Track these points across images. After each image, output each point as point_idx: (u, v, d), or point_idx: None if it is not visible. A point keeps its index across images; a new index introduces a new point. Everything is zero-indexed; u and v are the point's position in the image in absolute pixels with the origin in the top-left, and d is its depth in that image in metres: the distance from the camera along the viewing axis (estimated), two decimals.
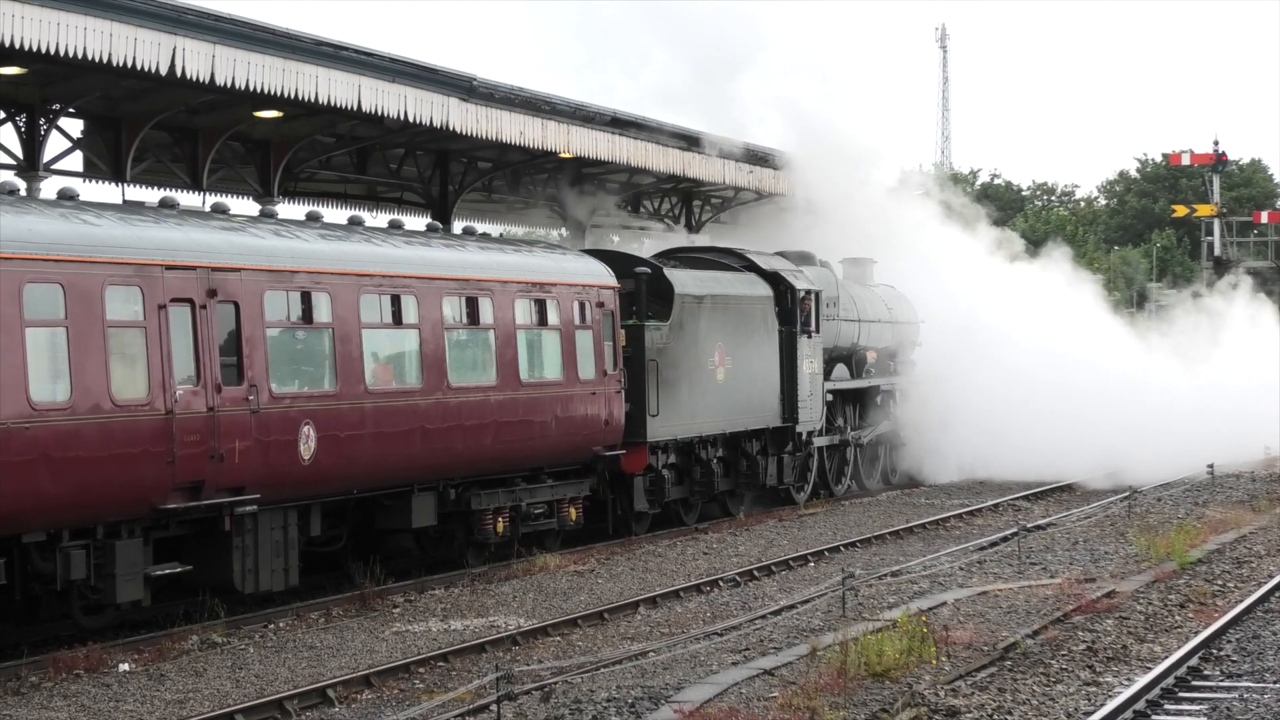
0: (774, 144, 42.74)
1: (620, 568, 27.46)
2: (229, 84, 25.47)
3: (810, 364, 36.55)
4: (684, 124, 39.29)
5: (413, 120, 29.64)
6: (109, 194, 28.53)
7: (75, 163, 28.53)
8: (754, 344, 34.69)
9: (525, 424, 27.43)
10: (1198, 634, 20.03)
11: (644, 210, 46.10)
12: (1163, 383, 44.32)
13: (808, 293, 36.49)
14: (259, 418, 22.09)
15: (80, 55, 23.01)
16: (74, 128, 28.30)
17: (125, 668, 19.64)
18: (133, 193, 27.92)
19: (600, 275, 30.13)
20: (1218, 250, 71.05)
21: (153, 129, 28.19)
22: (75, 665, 19.44)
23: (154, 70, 24.24)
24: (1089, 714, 16.13)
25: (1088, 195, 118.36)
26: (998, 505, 36.57)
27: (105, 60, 23.34)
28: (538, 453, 27.95)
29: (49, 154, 26.99)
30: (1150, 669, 18.06)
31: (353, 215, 27.50)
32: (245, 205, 31.10)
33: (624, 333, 30.63)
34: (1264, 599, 22.72)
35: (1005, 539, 29.08)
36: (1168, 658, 18.64)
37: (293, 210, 33.75)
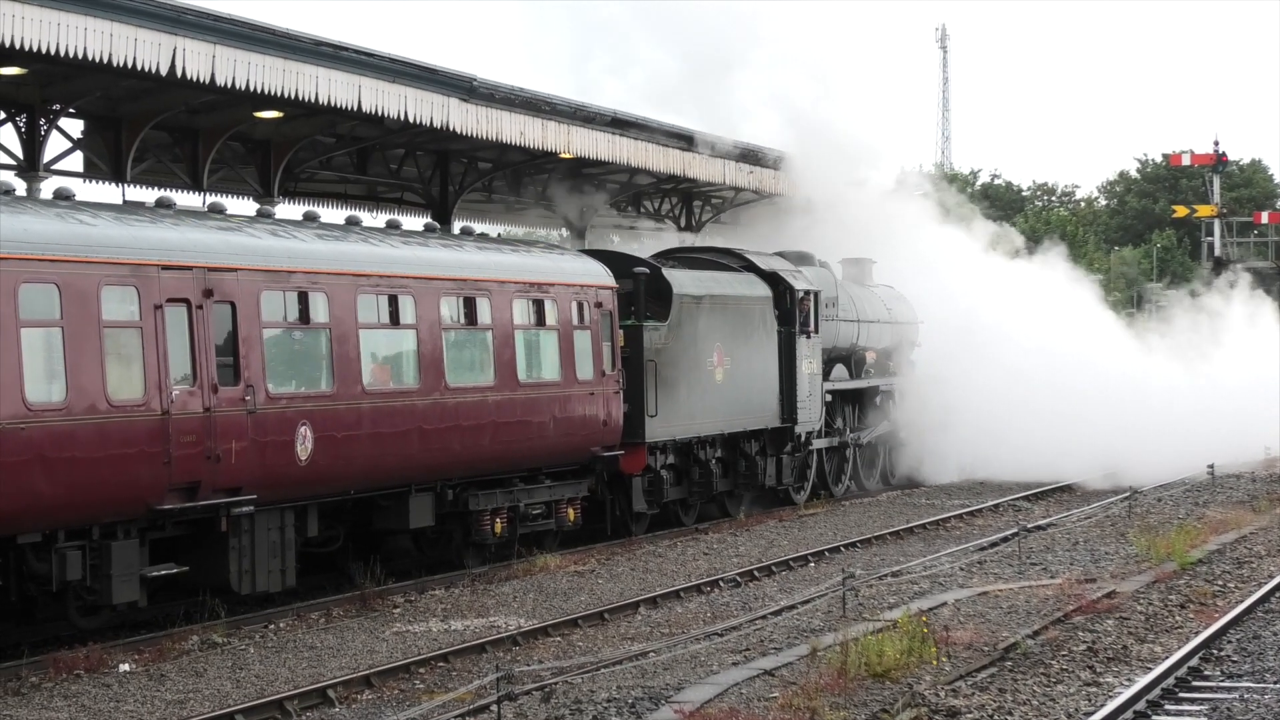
0: (773, 144, 42.71)
1: (620, 568, 27.43)
2: (229, 84, 25.45)
3: (809, 364, 36.49)
4: (683, 124, 39.29)
5: (413, 121, 29.62)
6: (109, 194, 28.54)
7: (75, 163, 28.54)
8: (753, 344, 34.63)
9: (523, 424, 27.38)
10: (1198, 634, 20.01)
11: (644, 210, 46.09)
12: (1163, 383, 44.25)
13: (807, 293, 36.44)
14: (255, 418, 22.04)
15: (81, 55, 22.99)
16: (74, 128, 28.32)
17: (126, 668, 19.62)
18: (133, 193, 27.91)
19: (598, 275, 30.08)
20: (1218, 250, 71.03)
21: (153, 129, 28.17)
22: (76, 665, 19.42)
23: (154, 70, 24.22)
24: (1089, 714, 16.11)
25: (1088, 195, 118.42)
26: (998, 506, 36.53)
27: (105, 60, 23.32)
28: (535, 453, 27.91)
29: (49, 154, 26.98)
30: (1150, 669, 18.04)
31: (350, 215, 27.46)
32: (246, 206, 31.11)
33: (622, 333, 30.59)
34: (1264, 599, 22.70)
35: (1005, 539, 29.05)
36: (1168, 658, 18.62)
37: (293, 211, 33.72)
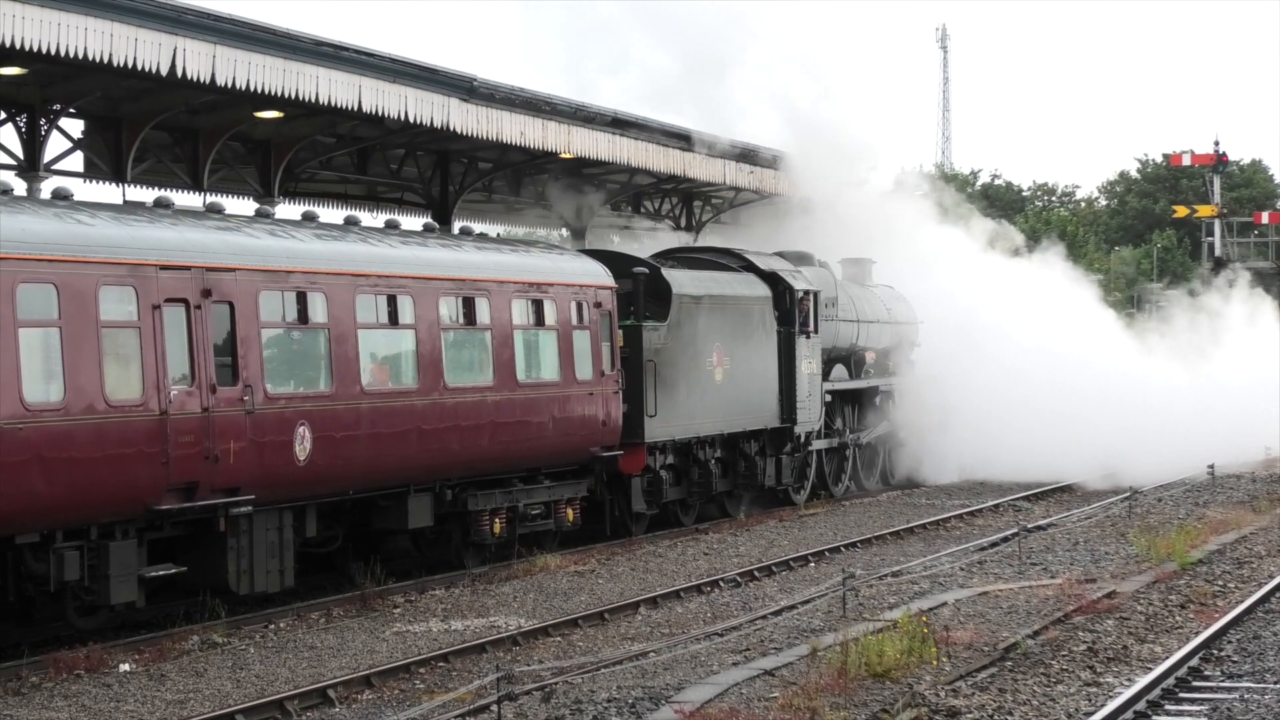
0: (773, 143, 42.70)
1: (621, 568, 27.42)
2: (229, 84, 25.43)
3: (809, 364, 36.47)
4: (683, 124, 39.27)
5: (413, 121, 29.60)
6: (110, 194, 28.52)
7: (76, 163, 28.51)
8: (752, 344, 34.61)
9: (522, 425, 27.36)
10: (1198, 634, 20.00)
11: (644, 210, 46.07)
12: (1163, 383, 44.23)
13: (806, 293, 36.42)
14: (254, 418, 22.02)
15: (81, 55, 22.97)
16: (74, 128, 28.30)
17: (126, 668, 19.61)
18: (133, 193, 27.88)
19: (598, 275, 30.06)
20: (1218, 251, 71.01)
21: (153, 129, 28.15)
22: (76, 665, 19.42)
23: (154, 70, 24.20)
24: (1089, 714, 16.09)
25: (1088, 196, 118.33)
26: (998, 506, 36.52)
27: (106, 60, 23.30)
28: (535, 453, 27.89)
29: (49, 154, 26.95)
30: (1151, 669, 18.02)
31: (349, 215, 27.45)
32: (246, 206, 31.06)
33: (622, 333, 30.57)
34: (1264, 599, 22.69)
35: (1005, 539, 29.05)
36: (1168, 658, 18.61)
37: (293, 211, 33.69)
